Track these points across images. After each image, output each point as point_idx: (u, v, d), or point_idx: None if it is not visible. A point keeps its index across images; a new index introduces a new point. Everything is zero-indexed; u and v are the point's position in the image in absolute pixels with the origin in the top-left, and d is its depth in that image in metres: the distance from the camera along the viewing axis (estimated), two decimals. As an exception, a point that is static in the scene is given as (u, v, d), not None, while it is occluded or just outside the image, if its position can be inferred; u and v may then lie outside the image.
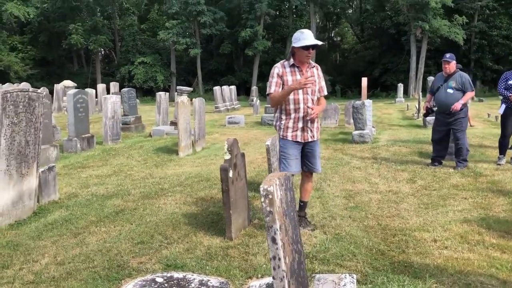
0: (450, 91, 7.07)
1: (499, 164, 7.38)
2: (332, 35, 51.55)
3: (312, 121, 4.22)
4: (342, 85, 41.14)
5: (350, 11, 51.19)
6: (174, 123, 12.64)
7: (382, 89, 39.97)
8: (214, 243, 4.06)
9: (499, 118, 14.88)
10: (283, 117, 4.26)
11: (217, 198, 5.57)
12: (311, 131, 4.24)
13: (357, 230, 4.34)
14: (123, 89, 14.18)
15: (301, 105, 4.15)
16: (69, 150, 9.36)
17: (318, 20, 45.19)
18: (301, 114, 4.16)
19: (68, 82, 22.97)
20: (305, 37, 4.05)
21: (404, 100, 27.89)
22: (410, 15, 34.36)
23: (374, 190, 5.95)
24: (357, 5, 50.25)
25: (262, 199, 1.76)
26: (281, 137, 4.30)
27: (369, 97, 25.83)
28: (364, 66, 42.22)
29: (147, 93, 40.83)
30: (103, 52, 47.50)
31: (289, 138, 4.22)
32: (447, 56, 7.17)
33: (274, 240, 1.75)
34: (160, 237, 4.25)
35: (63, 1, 36.91)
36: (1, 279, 3.40)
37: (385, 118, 17.65)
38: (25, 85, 19.65)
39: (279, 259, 1.76)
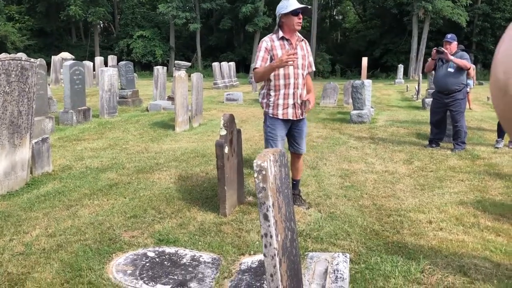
0: (450, 70, 6.96)
1: (497, 147, 7.33)
2: (334, 13, 50.88)
3: (302, 97, 4.07)
4: (342, 64, 40.83)
5: (353, -11, 50.46)
6: (171, 98, 12.53)
7: (382, 70, 39.71)
8: (208, 219, 4.02)
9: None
10: (272, 93, 4.06)
11: (213, 174, 5.52)
12: (300, 108, 4.10)
13: (351, 210, 4.30)
14: (121, 63, 14.01)
15: (292, 80, 3.99)
16: (65, 122, 9.27)
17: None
18: (291, 90, 4.00)
19: (65, 54, 22.72)
20: (291, 3, 3.88)
21: (403, 82, 27.73)
22: (414, -5, 33.89)
23: (370, 170, 5.91)
24: (361, -17, 49.52)
25: (255, 175, 1.70)
26: (270, 115, 4.10)
27: (368, 77, 25.63)
28: (365, 46, 41.80)
29: (145, 67, 40.51)
30: (102, 25, 46.87)
31: (280, 116, 4.05)
32: (448, 37, 7.05)
33: (266, 217, 1.69)
34: (153, 211, 4.22)
35: (61, -29, 36.23)
36: (-9, 249, 3.37)
37: (384, 99, 17.56)
38: (21, 55, 19.39)
39: (271, 236, 1.71)
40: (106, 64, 25.08)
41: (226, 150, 4.02)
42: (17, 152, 4.86)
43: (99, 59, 24.11)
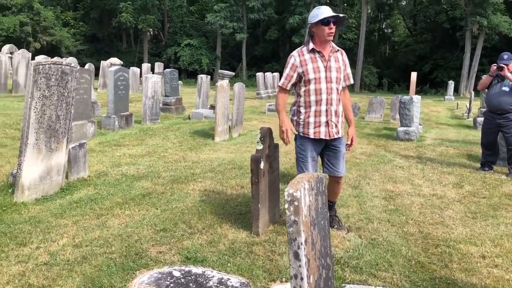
0: (505, 89, 6.51)
1: (558, 175, 6.75)
2: (383, 26, 49.95)
3: (337, 114, 3.71)
4: (389, 78, 39.91)
5: (404, 2, 49.36)
6: (213, 107, 12.46)
7: (431, 86, 38.47)
8: (239, 237, 3.80)
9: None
10: (302, 110, 3.75)
11: (248, 188, 5.30)
12: (336, 126, 3.71)
13: (395, 237, 3.97)
14: (166, 70, 14.12)
15: (324, 96, 3.63)
16: (107, 127, 9.35)
17: (369, 10, 43.81)
18: (323, 107, 3.64)
19: (115, 60, 23.29)
20: (322, 12, 3.54)
21: (454, 99, 26.67)
22: (468, 9, 32.70)
23: (416, 193, 5.52)
24: (412, -4, 48.42)
25: (286, 206, 1.47)
26: (300, 134, 3.79)
27: (417, 92, 24.81)
28: (414, 60, 40.68)
29: (191, 75, 41.04)
30: (151, 32, 48.05)
31: (311, 135, 3.71)
32: (505, 58, 6.56)
33: (297, 256, 1.45)
34: (183, 225, 4.04)
35: (115, -21, 37.45)
36: (16, 257, 3.28)
37: (433, 116, 16.86)
38: (72, 59, 20.02)
39: (302, 278, 1.47)
40: (153, 70, 25.54)
41: (262, 165, 3.80)
42: (53, 157, 4.83)
43: (146, 66, 24.57)
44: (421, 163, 7.34)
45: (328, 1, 42.95)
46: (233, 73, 15.63)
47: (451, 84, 27.75)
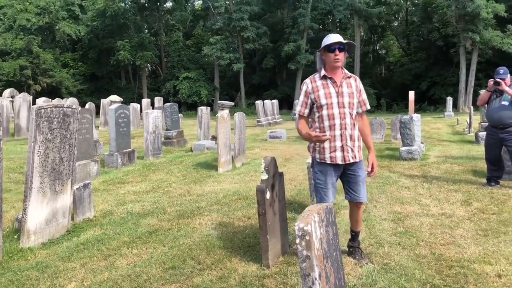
0: (505, 103, 6.52)
1: None
2: (377, 48, 50.58)
3: (352, 138, 3.70)
4: (387, 98, 40.14)
5: (396, 23, 50.14)
6: (215, 138, 12.50)
7: (429, 103, 38.65)
8: (250, 270, 3.74)
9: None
10: None
11: (255, 218, 5.26)
12: (352, 150, 3.69)
13: (407, 260, 3.90)
14: (166, 104, 14.23)
15: (337, 121, 3.64)
16: (110, 165, 9.36)
17: (362, 33, 44.50)
18: (338, 132, 3.65)
19: (114, 97, 23.50)
20: (329, 39, 3.63)
21: (453, 114, 26.76)
22: (459, 26, 33.15)
23: (425, 213, 5.46)
24: (403, 17, 49.17)
25: (298, 241, 1.45)
26: (317, 160, 3.79)
27: (416, 111, 24.90)
28: (411, 79, 41.02)
29: (191, 107, 41.37)
30: (149, 68, 48.68)
31: (328, 161, 3.71)
32: (501, 72, 6.60)
33: (311, 292, 1.43)
34: (192, 262, 3.99)
35: (112, 19, 38.13)
36: (25, 305, 3.23)
37: (434, 133, 16.86)
38: (73, 100, 20.23)
39: (318, 314, 1.43)
40: (153, 105, 25.74)
41: (268, 195, 3.77)
42: (58, 199, 4.81)
43: (146, 101, 24.79)
44: (427, 182, 7.29)
45: (320, 27, 43.68)
46: (233, 103, 15.75)
47: (450, 100, 27.88)
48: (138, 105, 22.92)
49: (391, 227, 4.92)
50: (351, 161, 3.71)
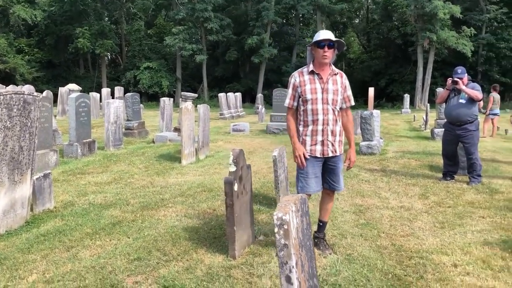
0: (462, 101, 6.80)
1: (515, 181, 7.07)
2: (338, 44, 51.28)
3: (334, 133, 3.82)
4: (347, 94, 40.83)
5: (357, 20, 51.10)
6: (177, 130, 12.40)
7: (387, 100, 39.70)
8: (216, 261, 3.76)
9: (509, 132, 14.62)
10: (301, 129, 3.90)
11: (220, 210, 5.29)
12: (332, 145, 3.83)
13: (369, 251, 4.03)
14: (127, 94, 13.96)
15: (320, 117, 3.77)
16: (70, 155, 9.11)
17: (324, 29, 44.96)
18: (320, 127, 3.78)
19: (73, 86, 22.82)
20: (320, 35, 3.71)
21: (410, 111, 27.61)
22: (418, 25, 34.14)
23: (385, 206, 5.64)
24: (364, 15, 50.18)
25: (276, 230, 1.48)
26: None
27: (375, 107, 25.55)
28: (370, 76, 41.98)
29: (152, 98, 40.77)
30: (109, 57, 47.52)
31: (308, 153, 3.84)
32: (459, 72, 6.88)
33: (289, 280, 1.46)
34: (158, 253, 3.96)
35: (71, 4, 36.91)
36: (-16, 298, 3.13)
37: (392, 129, 17.34)
38: (29, 87, 19.49)
39: (294, 301, 1.47)
40: (113, 95, 25.18)
41: (236, 187, 3.80)
42: (17, 189, 4.66)
43: (105, 90, 24.21)
44: (386, 176, 7.51)
45: (284, 21, 43.91)
46: (196, 95, 15.61)
47: (407, 97, 28.74)
48: (98, 95, 22.38)
49: (353, 219, 5.05)
50: (330, 155, 3.85)
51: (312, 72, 3.80)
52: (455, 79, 6.79)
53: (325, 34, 3.72)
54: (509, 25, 37.99)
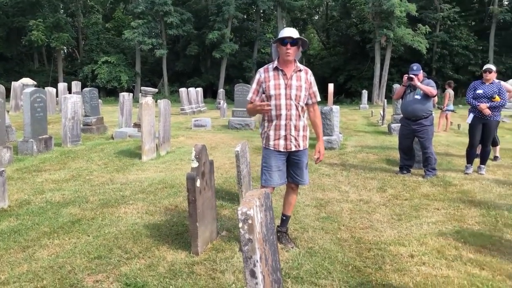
0: (417, 97, 7.03)
1: (467, 173, 7.38)
2: (298, 40, 51.72)
3: (297, 128, 3.88)
4: (308, 90, 41.30)
5: (317, 17, 51.70)
6: (137, 125, 12.18)
7: (346, 96, 40.48)
8: (179, 258, 3.74)
9: (462, 127, 15.22)
10: (265, 124, 3.96)
11: (182, 207, 5.26)
12: (295, 139, 3.89)
13: (330, 244, 4.12)
14: (85, 89, 13.58)
15: (283, 112, 3.82)
16: (24, 152, 8.79)
17: (285, 25, 45.24)
18: (283, 122, 3.84)
19: (27, 80, 22.00)
20: (283, 32, 3.77)
21: (368, 107, 28.29)
22: (375, 23, 34.96)
23: (345, 199, 5.77)
24: (323, 11, 50.82)
25: (240, 225, 1.49)
26: (263, 146, 4.00)
27: (334, 103, 25.98)
28: (330, 72, 42.63)
29: (110, 93, 39.86)
30: (65, 50, 46.05)
31: (271, 147, 3.91)
32: (414, 69, 7.11)
33: (253, 274, 1.48)
34: (119, 251, 3.90)
35: (23, -5, 35.54)
36: None
37: (351, 124, 17.71)
38: (-21, 81, 18.64)
39: (259, 295, 1.49)
40: (70, 90, 24.45)
41: (198, 183, 3.78)
42: (-31, 188, 4.46)
43: (62, 85, 23.46)
44: (346, 170, 7.68)
45: (245, 17, 43.89)
46: (156, 90, 15.37)
47: (365, 93, 29.41)
48: (54, 90, 21.65)
49: (314, 213, 5.14)
50: (293, 149, 3.91)
51: (276, 69, 3.85)
52: (411, 75, 7.00)
53: (288, 31, 3.76)
54: (462, 23, 39.56)
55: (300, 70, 3.90)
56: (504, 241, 4.21)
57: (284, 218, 4.16)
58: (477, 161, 7.66)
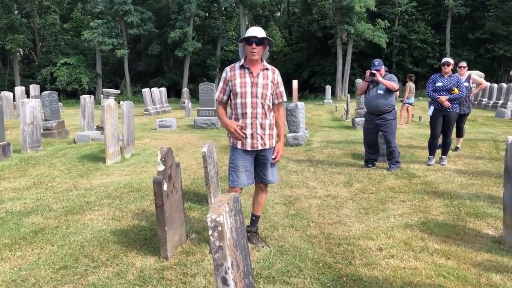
0: (380, 92, 7.16)
1: (429, 165, 7.57)
2: (261, 37, 51.84)
3: (263, 127, 3.87)
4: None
5: (278, 14, 51.94)
6: (100, 128, 11.92)
7: (310, 91, 40.91)
8: (148, 264, 3.67)
9: (423, 119, 15.62)
10: None
11: (150, 211, 5.16)
12: (261, 138, 3.87)
13: (300, 241, 4.14)
14: (44, 92, 13.14)
15: (249, 110, 3.81)
16: (-19, 160, 8.45)
17: (247, 23, 45.28)
18: (249, 120, 3.83)
19: (-20, 85, 21.14)
20: (249, 32, 3.76)
21: (332, 102, 28.67)
22: (336, 19, 35.45)
23: (313, 195, 5.82)
24: (285, 8, 51.11)
25: (210, 232, 1.46)
26: (230, 145, 3.98)
27: (298, 99, 26.19)
28: (293, 68, 42.96)
29: (71, 95, 38.86)
30: (22, 53, 44.50)
31: (238, 146, 3.88)
32: (376, 64, 7.23)
33: (225, 281, 1.46)
34: (86, 259, 3.79)
35: (-26, -4, 34.13)
36: None
37: (316, 119, 17.89)
38: None
39: (231, 302, 1.47)
40: (28, 93, 23.65)
41: (165, 187, 3.72)
42: None
43: (19, 89, 22.65)
44: (313, 166, 7.74)
45: (207, 15, 43.61)
46: (119, 91, 15.09)
47: (328, 88, 29.78)
48: (11, 94, 20.91)
49: (283, 210, 5.16)
50: (260, 148, 3.89)
51: (243, 67, 3.84)
52: (373, 71, 7.12)
53: (253, 31, 3.76)
54: (419, 18, 40.64)
55: (267, 69, 3.90)
56: (467, 230, 4.34)
57: (254, 218, 4.15)
58: (439, 152, 7.86)
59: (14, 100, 21.11)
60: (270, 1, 44.13)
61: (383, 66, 7.27)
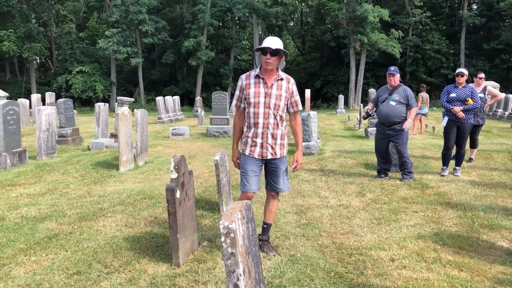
0: (393, 103, 7.14)
1: (443, 175, 7.51)
2: (275, 47, 52.05)
3: (274, 137, 3.91)
4: (285, 96, 41.57)
5: (292, 23, 52.13)
6: (114, 135, 12.05)
7: (323, 100, 40.89)
8: (160, 271, 3.70)
9: (437, 129, 15.52)
10: (245, 129, 4.01)
11: (162, 218, 5.20)
12: (272, 148, 3.92)
13: (312, 251, 4.13)
14: (59, 100, 13.35)
15: (261, 120, 3.85)
16: (-3, 166, 8.59)
17: (260, 32, 45.56)
18: (260, 130, 3.87)
19: (-2, 92, 21.54)
20: (265, 42, 3.79)
21: (345, 111, 28.60)
22: (350, 28, 35.45)
23: (325, 205, 5.80)
24: (298, 18, 51.29)
25: (223, 239, 1.48)
26: (241, 151, 4.05)
27: (311, 108, 26.20)
28: (306, 78, 42.99)
29: (85, 103, 39.35)
30: (38, 61, 45.24)
31: (247, 153, 3.95)
32: (392, 69, 7.24)
33: (237, 288, 1.47)
34: (99, 265, 3.84)
35: (-7, 5, 34.80)
36: None
37: (328, 129, 17.86)
38: None
39: (243, 308, 1.49)
40: (43, 101, 24.02)
41: (178, 194, 3.75)
42: None
43: (36, 96, 23.04)
44: (325, 175, 7.72)
45: (221, 24, 43.96)
46: (133, 99, 15.25)
47: (341, 98, 29.74)
48: (27, 101, 21.26)
49: (295, 220, 5.15)
50: (269, 157, 3.93)
51: (258, 76, 3.88)
52: (370, 113, 7.32)
53: (269, 41, 3.78)
54: (433, 28, 40.46)
55: (281, 79, 3.91)
56: (481, 242, 4.30)
57: (266, 226, 4.16)
58: (452, 163, 7.80)
59: (30, 107, 21.44)
60: (284, 10, 44.31)
61: (398, 74, 7.26)
